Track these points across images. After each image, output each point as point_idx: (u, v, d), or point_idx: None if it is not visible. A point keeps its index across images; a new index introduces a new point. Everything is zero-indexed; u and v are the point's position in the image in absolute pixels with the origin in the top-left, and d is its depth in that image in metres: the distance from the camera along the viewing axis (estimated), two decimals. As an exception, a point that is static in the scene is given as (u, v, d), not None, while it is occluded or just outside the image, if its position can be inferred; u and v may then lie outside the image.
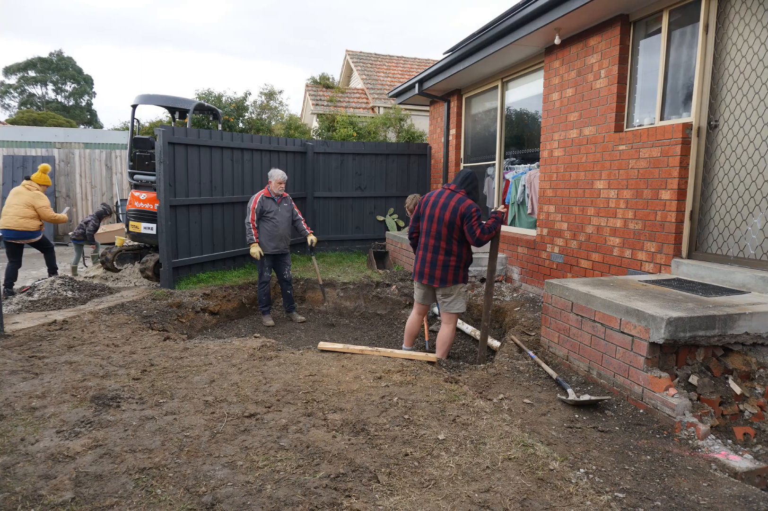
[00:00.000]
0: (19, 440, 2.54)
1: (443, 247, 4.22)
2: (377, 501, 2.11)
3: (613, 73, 4.96)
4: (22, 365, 3.63)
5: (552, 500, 2.15)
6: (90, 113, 41.52)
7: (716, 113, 4.16)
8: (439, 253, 4.23)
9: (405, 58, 18.47)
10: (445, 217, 4.16)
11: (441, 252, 4.22)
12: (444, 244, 4.21)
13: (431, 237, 4.25)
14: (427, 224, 4.28)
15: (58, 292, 6.00)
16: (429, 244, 4.26)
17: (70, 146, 14.59)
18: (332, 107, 14.44)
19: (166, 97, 7.79)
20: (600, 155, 5.15)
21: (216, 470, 2.30)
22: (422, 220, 4.33)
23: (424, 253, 4.31)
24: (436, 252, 4.23)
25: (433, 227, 4.22)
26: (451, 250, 4.24)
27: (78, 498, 2.08)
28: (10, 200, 6.63)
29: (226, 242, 7.48)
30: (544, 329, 4.29)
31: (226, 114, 11.30)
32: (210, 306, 6.10)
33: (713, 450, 2.74)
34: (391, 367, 3.75)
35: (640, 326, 3.17)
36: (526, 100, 6.83)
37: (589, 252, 5.32)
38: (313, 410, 2.97)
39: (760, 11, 3.80)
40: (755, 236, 3.90)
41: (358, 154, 9.39)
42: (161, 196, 6.35)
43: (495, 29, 5.74)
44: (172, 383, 3.38)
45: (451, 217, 4.14)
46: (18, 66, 38.64)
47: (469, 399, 3.21)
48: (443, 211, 4.17)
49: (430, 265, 4.26)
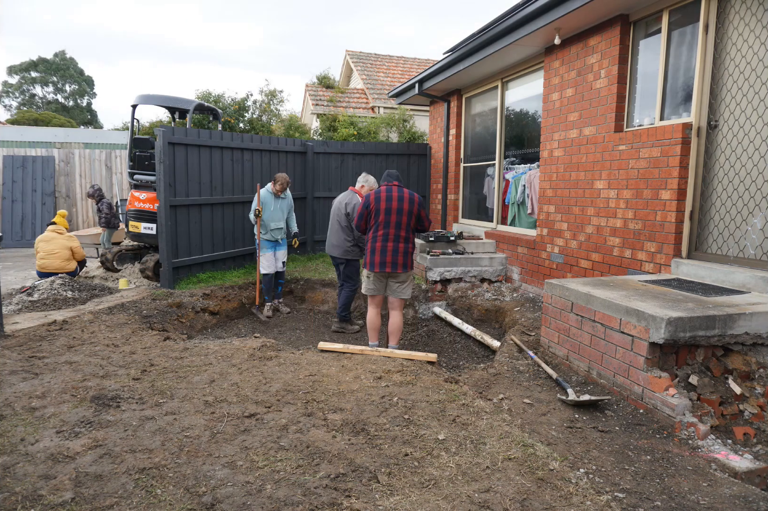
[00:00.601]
0: (19, 440, 2.54)
1: (403, 236, 4.61)
2: (377, 501, 2.11)
3: (613, 73, 4.96)
4: (22, 365, 3.62)
5: (552, 500, 2.15)
6: (90, 113, 41.53)
7: (716, 113, 4.16)
8: (400, 241, 4.59)
9: (405, 58, 18.47)
10: (405, 208, 4.57)
11: (402, 240, 4.60)
12: (403, 233, 4.61)
13: (392, 228, 4.57)
14: (385, 216, 4.57)
15: (58, 292, 6.00)
16: (390, 235, 4.57)
17: (70, 146, 14.59)
18: (332, 107, 14.44)
19: (165, 97, 7.79)
20: (600, 155, 5.15)
21: (216, 470, 2.30)
22: (379, 214, 4.59)
23: (385, 244, 4.57)
24: (398, 241, 4.58)
25: (392, 218, 4.56)
26: (409, 238, 4.67)
27: (78, 498, 2.08)
28: (45, 247, 7.04)
29: (226, 242, 7.48)
30: (544, 329, 4.29)
31: (228, 115, 11.30)
32: (210, 306, 6.10)
33: (713, 450, 2.74)
34: (391, 367, 3.75)
35: (640, 326, 3.17)
36: (526, 100, 6.83)
37: (589, 252, 5.32)
38: (313, 410, 2.97)
39: (760, 11, 3.80)
40: (755, 236, 3.90)
41: (358, 155, 9.38)
42: (161, 196, 6.35)
43: (495, 29, 5.74)
44: (172, 383, 3.38)
45: (410, 207, 4.59)
46: (21, 66, 38.65)
47: (469, 399, 3.21)
48: (401, 203, 4.57)
49: (393, 253, 4.58)
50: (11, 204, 12.54)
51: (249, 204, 7.83)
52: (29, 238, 12.29)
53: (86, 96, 41.45)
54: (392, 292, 4.79)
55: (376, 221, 4.61)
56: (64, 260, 7.12)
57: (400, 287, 4.76)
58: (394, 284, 4.76)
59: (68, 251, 7.19)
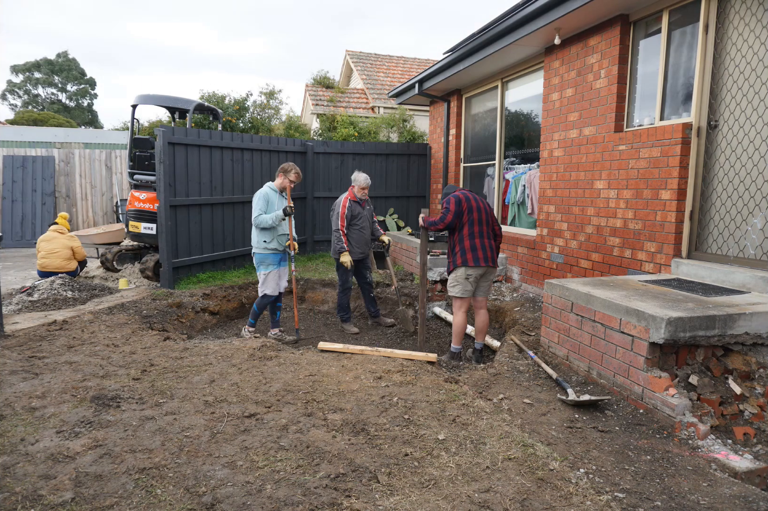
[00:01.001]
0: (19, 440, 2.54)
1: (490, 233, 4.88)
2: (377, 501, 2.11)
3: (613, 73, 4.95)
4: (22, 365, 3.62)
5: (552, 500, 2.15)
6: (91, 114, 41.55)
7: (716, 113, 4.16)
8: (491, 238, 4.86)
9: (405, 58, 18.46)
10: (488, 209, 4.89)
11: (492, 237, 4.89)
12: (490, 231, 4.87)
13: (483, 225, 4.80)
14: (477, 215, 4.77)
15: (58, 292, 6.00)
16: (484, 232, 4.80)
17: (70, 146, 14.58)
18: (332, 107, 14.44)
19: (166, 97, 7.78)
20: (600, 155, 5.15)
21: (216, 470, 2.30)
22: (471, 213, 4.76)
23: (482, 241, 4.78)
24: (490, 238, 4.85)
25: (483, 217, 4.80)
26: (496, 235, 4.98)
27: (78, 498, 2.08)
28: (46, 246, 7.04)
29: (226, 242, 7.48)
30: (544, 329, 4.29)
31: (229, 115, 11.30)
32: (210, 306, 6.10)
33: (713, 450, 2.74)
34: (391, 367, 3.75)
35: (640, 326, 3.17)
36: (526, 100, 6.83)
37: (589, 252, 5.32)
38: (313, 410, 2.97)
39: (760, 11, 3.80)
40: (755, 236, 3.90)
41: (358, 155, 9.38)
42: (161, 196, 6.35)
43: (495, 29, 5.74)
44: (172, 383, 3.38)
45: (490, 209, 4.93)
46: (25, 66, 38.66)
47: (469, 399, 3.21)
48: (485, 205, 4.88)
49: (490, 249, 4.82)
50: (11, 204, 12.53)
51: (249, 204, 7.79)
52: (29, 238, 12.28)
53: (88, 96, 41.48)
54: (481, 291, 4.90)
55: (470, 219, 4.76)
56: (65, 259, 7.13)
57: (487, 285, 4.92)
58: (484, 283, 4.88)
59: (69, 251, 7.20)
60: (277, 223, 5.13)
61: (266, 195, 5.18)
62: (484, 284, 4.87)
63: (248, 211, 7.73)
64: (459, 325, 4.87)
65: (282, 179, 5.25)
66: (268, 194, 5.20)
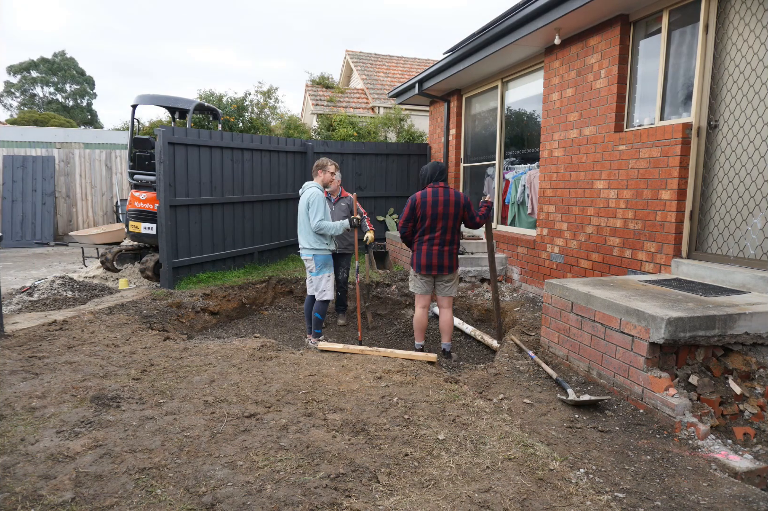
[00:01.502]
0: (19, 440, 2.54)
1: (449, 239, 4.68)
2: (377, 501, 2.11)
3: (613, 73, 4.96)
4: (22, 365, 3.63)
5: (552, 500, 2.15)
6: (90, 113, 41.52)
7: (716, 113, 4.16)
8: (446, 244, 4.68)
9: (405, 58, 18.46)
10: (451, 211, 4.60)
11: (448, 243, 4.69)
12: (449, 236, 4.68)
13: (438, 231, 4.63)
14: (431, 221, 4.61)
15: (58, 292, 6.00)
16: (436, 238, 4.64)
17: (70, 146, 14.58)
18: (332, 107, 14.43)
19: (165, 97, 7.78)
20: (600, 155, 5.15)
21: (216, 470, 2.30)
22: (425, 220, 4.63)
23: (430, 248, 4.66)
24: (444, 244, 4.67)
25: (438, 224, 4.62)
26: (454, 240, 4.74)
27: (78, 498, 2.08)
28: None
29: (226, 242, 7.47)
30: (544, 329, 4.29)
31: (228, 114, 11.29)
32: (210, 306, 6.10)
33: (713, 450, 2.74)
34: (391, 367, 3.75)
35: (640, 326, 3.17)
36: (526, 100, 6.83)
37: (589, 252, 5.32)
38: (313, 410, 2.97)
39: (760, 11, 3.80)
40: (755, 236, 3.90)
41: (358, 154, 9.38)
42: (161, 196, 6.35)
43: (495, 29, 5.74)
44: (172, 383, 3.38)
45: (456, 210, 4.62)
46: (21, 66, 38.61)
47: (469, 399, 3.21)
48: (447, 208, 4.59)
49: (439, 256, 4.66)
50: (11, 204, 12.54)
51: (249, 204, 7.84)
52: (29, 239, 12.29)
53: (86, 96, 41.44)
54: (440, 291, 4.88)
55: (422, 226, 4.64)
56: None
57: (448, 286, 4.85)
58: (441, 284, 4.85)
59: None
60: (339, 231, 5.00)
61: (321, 197, 4.95)
62: (441, 284, 4.83)
63: (248, 211, 7.75)
64: (416, 320, 4.93)
65: (323, 175, 5.13)
66: (321, 196, 4.97)
